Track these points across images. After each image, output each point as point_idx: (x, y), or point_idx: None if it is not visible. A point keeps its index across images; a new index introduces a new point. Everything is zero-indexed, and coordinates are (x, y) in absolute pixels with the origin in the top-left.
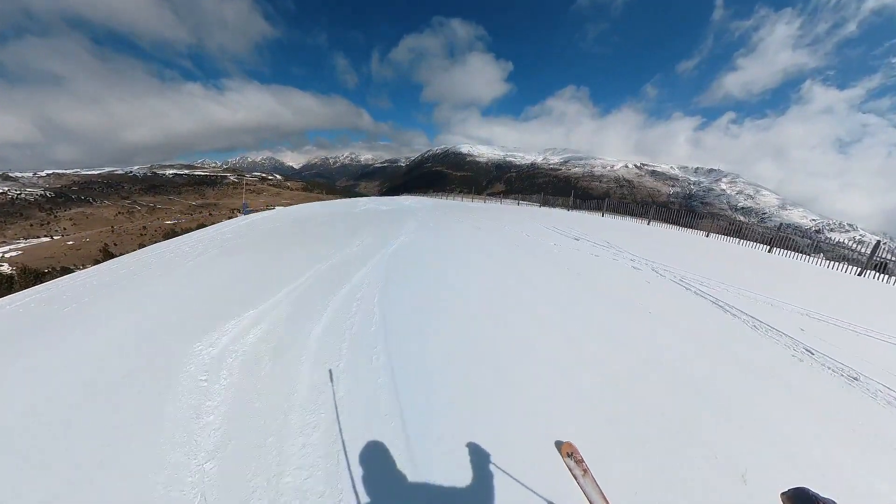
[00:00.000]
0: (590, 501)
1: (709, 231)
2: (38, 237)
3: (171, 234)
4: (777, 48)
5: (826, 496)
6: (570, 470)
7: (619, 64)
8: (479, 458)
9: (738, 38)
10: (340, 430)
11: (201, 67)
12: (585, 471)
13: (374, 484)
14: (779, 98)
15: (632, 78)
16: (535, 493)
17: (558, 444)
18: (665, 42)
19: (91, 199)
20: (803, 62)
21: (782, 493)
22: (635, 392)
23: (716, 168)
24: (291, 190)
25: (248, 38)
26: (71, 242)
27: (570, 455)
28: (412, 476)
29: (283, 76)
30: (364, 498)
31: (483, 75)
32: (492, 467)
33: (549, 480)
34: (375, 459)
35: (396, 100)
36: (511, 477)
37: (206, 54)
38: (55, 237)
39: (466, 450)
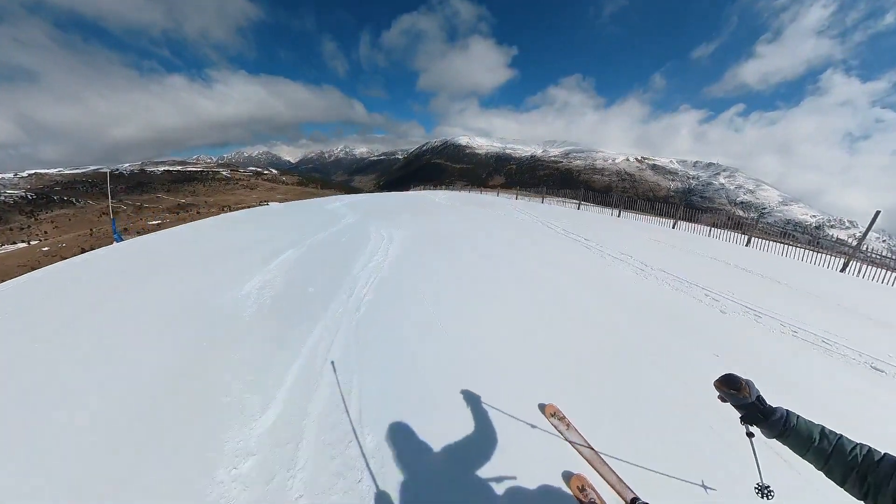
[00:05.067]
0: (576, 449)
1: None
2: (15, 243)
3: None
4: (804, 35)
5: (746, 377)
6: (555, 427)
7: (631, 49)
8: None
9: (764, 21)
10: None
11: (182, 57)
12: (568, 425)
13: None
14: (794, 90)
15: (641, 66)
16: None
17: (541, 407)
18: (686, 22)
19: (74, 200)
20: (828, 53)
21: (715, 381)
22: None
23: (714, 162)
24: (286, 184)
25: (230, 20)
26: (46, 248)
27: (553, 415)
28: None
29: (271, 65)
30: None
31: (484, 62)
32: None
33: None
34: None
35: (391, 89)
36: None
37: (186, 41)
38: (32, 242)
39: None
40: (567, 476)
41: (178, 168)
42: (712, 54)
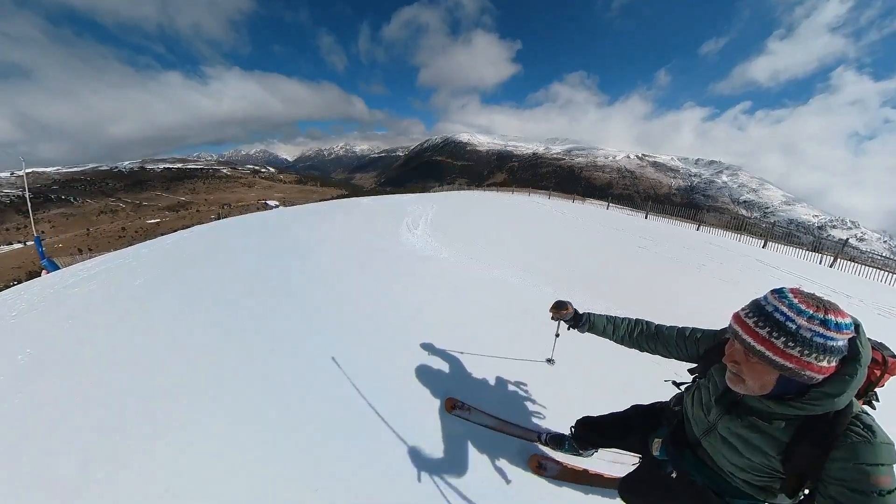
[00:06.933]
0: (485, 426)
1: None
2: (11, 243)
3: None
4: (818, 32)
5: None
6: (460, 417)
7: (638, 44)
8: None
9: (778, 16)
10: None
11: (176, 52)
12: (470, 409)
13: None
14: (802, 88)
15: (647, 62)
16: None
17: (444, 401)
18: (696, 16)
19: (73, 199)
20: (841, 50)
21: (550, 308)
22: None
23: (717, 160)
24: (284, 183)
25: (222, 14)
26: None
27: (454, 407)
28: None
29: (266, 60)
30: None
31: (487, 56)
32: None
33: None
34: None
35: (391, 85)
36: None
37: (180, 36)
38: (28, 243)
39: None
40: (526, 458)
41: (178, 166)
42: (721, 50)
